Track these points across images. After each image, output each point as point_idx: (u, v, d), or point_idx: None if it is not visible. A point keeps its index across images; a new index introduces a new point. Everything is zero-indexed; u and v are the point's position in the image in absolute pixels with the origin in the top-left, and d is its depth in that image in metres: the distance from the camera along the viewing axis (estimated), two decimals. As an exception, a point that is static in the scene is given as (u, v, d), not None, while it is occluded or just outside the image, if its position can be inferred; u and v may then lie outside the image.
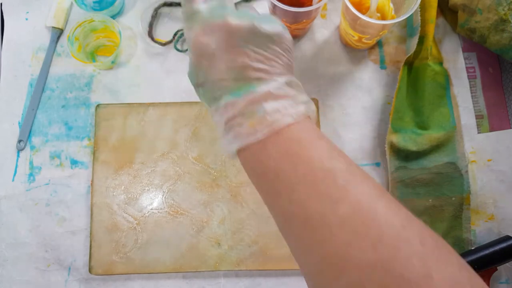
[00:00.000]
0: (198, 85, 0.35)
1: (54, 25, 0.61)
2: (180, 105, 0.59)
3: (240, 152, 0.33)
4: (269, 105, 0.32)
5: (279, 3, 0.51)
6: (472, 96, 0.60)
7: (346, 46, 0.62)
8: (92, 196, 0.57)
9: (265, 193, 0.33)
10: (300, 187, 0.30)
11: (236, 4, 0.62)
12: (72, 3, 0.63)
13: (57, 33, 0.62)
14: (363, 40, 0.57)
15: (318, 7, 0.52)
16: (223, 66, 0.33)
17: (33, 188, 0.58)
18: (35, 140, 0.59)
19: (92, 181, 0.57)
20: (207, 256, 0.55)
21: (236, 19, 0.33)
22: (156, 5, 0.62)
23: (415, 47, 0.57)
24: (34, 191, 0.58)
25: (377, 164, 0.59)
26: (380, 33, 0.56)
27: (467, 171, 0.57)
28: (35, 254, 0.56)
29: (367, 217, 0.28)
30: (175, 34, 0.61)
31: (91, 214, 0.56)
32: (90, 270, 0.55)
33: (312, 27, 0.62)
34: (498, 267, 0.54)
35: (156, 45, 0.61)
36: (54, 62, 0.62)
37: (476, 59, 0.61)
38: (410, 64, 0.60)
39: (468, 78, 0.61)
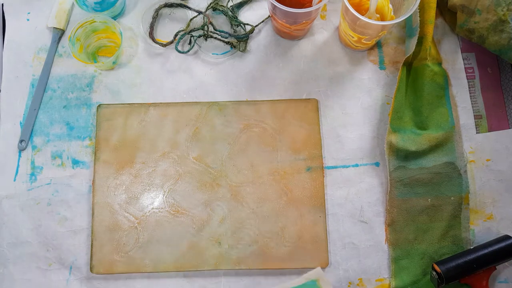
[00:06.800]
0: None
1: (55, 26, 0.62)
2: (181, 106, 0.59)
3: None
4: None
5: (279, 4, 0.51)
6: (470, 96, 0.61)
7: (346, 46, 0.62)
8: (93, 196, 0.57)
9: None
10: None
11: (233, 6, 0.62)
12: (73, 4, 0.63)
13: (59, 34, 0.62)
14: (363, 41, 0.57)
15: (318, 8, 0.52)
16: None
17: (34, 188, 0.58)
18: (37, 140, 0.60)
19: (93, 180, 0.58)
20: (208, 255, 0.56)
21: None
22: (157, 6, 0.62)
23: (414, 47, 0.58)
24: (36, 190, 0.58)
25: (377, 164, 0.59)
26: (379, 34, 0.56)
27: (466, 171, 0.58)
28: (36, 254, 0.57)
29: None
30: (176, 35, 0.61)
31: (92, 214, 0.57)
32: (91, 269, 0.55)
33: (312, 28, 0.63)
34: (497, 267, 0.54)
35: (157, 45, 0.62)
36: (56, 63, 0.62)
37: (475, 59, 0.62)
38: (409, 65, 0.60)
39: (467, 79, 0.61)
